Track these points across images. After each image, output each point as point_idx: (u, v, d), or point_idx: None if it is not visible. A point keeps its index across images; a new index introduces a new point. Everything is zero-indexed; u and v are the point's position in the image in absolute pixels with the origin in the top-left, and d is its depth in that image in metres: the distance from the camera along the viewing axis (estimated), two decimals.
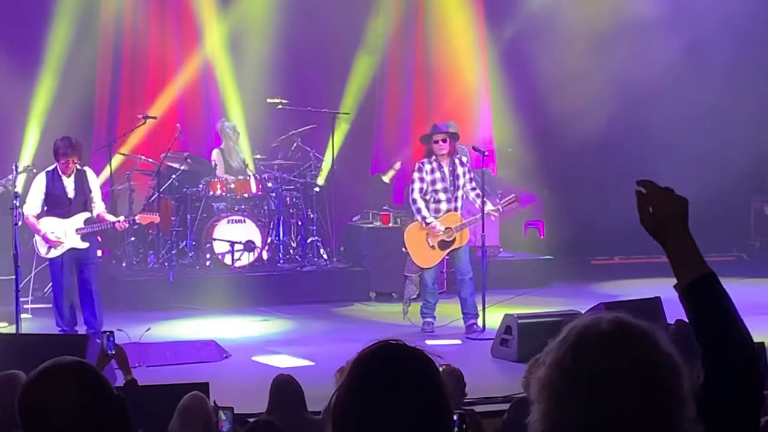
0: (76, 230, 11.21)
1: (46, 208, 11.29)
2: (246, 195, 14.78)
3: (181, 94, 16.53)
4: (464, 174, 12.06)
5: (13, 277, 10.87)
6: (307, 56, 16.75)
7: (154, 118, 15.11)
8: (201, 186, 14.65)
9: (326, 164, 15.79)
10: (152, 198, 14.49)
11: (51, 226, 11.19)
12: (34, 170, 12.64)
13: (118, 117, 16.29)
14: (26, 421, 2.53)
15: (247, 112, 16.38)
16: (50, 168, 11.34)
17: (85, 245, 11.28)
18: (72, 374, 2.57)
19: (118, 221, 11.57)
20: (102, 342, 6.41)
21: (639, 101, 16.91)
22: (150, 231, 14.46)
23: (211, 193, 14.62)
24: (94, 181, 11.55)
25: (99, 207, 11.50)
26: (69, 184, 11.22)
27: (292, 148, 15.63)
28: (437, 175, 11.98)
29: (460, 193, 11.99)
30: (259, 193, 14.89)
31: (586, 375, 2.13)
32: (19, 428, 2.55)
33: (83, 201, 11.32)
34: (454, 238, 11.97)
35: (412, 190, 12.08)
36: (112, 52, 16.42)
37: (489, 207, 12.05)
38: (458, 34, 17.60)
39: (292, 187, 15.23)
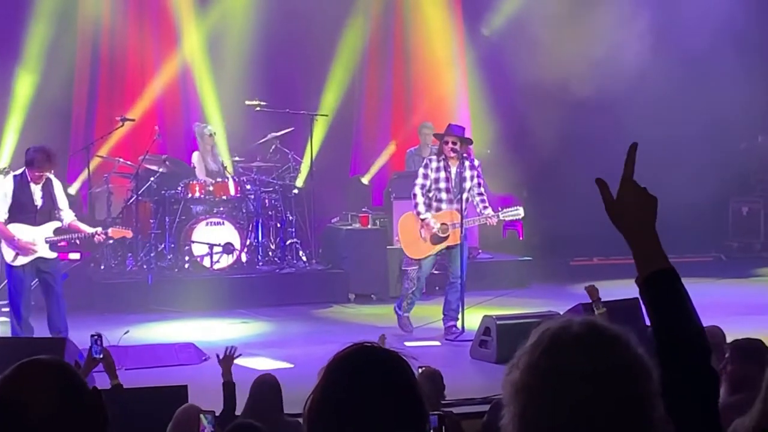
0: (46, 239, 10.78)
1: (8, 215, 10.75)
2: (225, 197, 14.75)
3: (159, 96, 16.51)
4: (472, 178, 11.93)
5: None
6: (286, 58, 16.74)
7: (133, 120, 15.08)
8: (179, 188, 14.62)
9: (305, 166, 15.78)
10: (130, 201, 14.45)
11: (21, 233, 10.72)
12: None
13: (96, 119, 16.25)
14: (1, 417, 2.52)
15: (225, 114, 16.36)
16: (18, 172, 10.91)
17: (53, 255, 10.89)
18: (49, 372, 2.56)
19: (96, 233, 11.13)
20: (89, 346, 6.36)
21: (617, 102, 16.94)
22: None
23: (190, 195, 14.59)
24: (60, 190, 11.07)
25: (68, 216, 11.04)
26: (36, 191, 10.75)
27: (271, 150, 15.62)
28: (442, 174, 11.89)
29: (464, 196, 11.82)
30: (238, 195, 14.87)
31: (561, 377, 2.13)
32: None
33: (50, 210, 10.87)
34: (448, 235, 11.91)
35: (415, 184, 11.98)
36: (90, 53, 16.38)
37: (489, 212, 11.98)
38: (437, 35, 17.65)
39: (271, 189, 15.22)
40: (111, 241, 12.95)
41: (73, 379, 2.59)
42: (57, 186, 11.02)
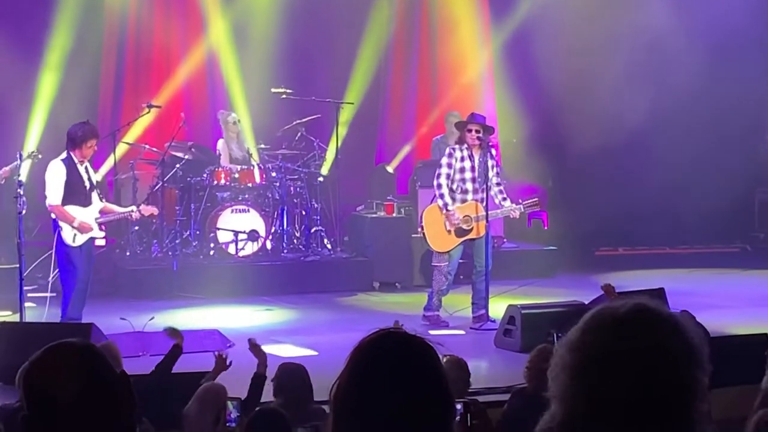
0: (95, 219, 11.03)
1: (66, 197, 10.92)
2: (250, 185, 14.77)
3: (185, 84, 16.55)
4: (492, 167, 11.88)
5: (17, 265, 10.85)
6: (312, 46, 16.75)
7: (159, 107, 15.11)
8: (205, 175, 14.64)
9: (330, 154, 15.79)
10: (156, 187, 14.48)
11: (77, 213, 10.90)
12: (39, 156, 12.63)
13: (123, 106, 16.31)
14: (29, 400, 2.54)
15: (251, 101, 16.38)
16: (63, 156, 11.05)
17: (101, 234, 11.24)
18: (76, 355, 2.57)
19: (131, 211, 11.42)
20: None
21: (645, 93, 16.89)
22: (154, 221, 14.45)
23: (215, 182, 14.61)
24: (93, 173, 11.34)
25: (101, 198, 11.38)
26: (83, 172, 10.99)
27: (297, 137, 15.63)
28: (467, 164, 11.80)
29: (487, 185, 11.71)
30: (263, 182, 14.88)
31: (596, 355, 2.11)
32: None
33: (93, 191, 11.14)
34: (472, 228, 11.86)
35: (439, 174, 11.85)
36: (116, 40, 16.44)
37: (510, 204, 11.94)
38: (463, 24, 17.61)
39: (296, 176, 15.23)
40: (138, 218, 13.01)
41: (100, 362, 2.60)
42: (90, 168, 11.22)
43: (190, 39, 16.61)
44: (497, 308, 11.60)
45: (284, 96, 15.63)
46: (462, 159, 11.83)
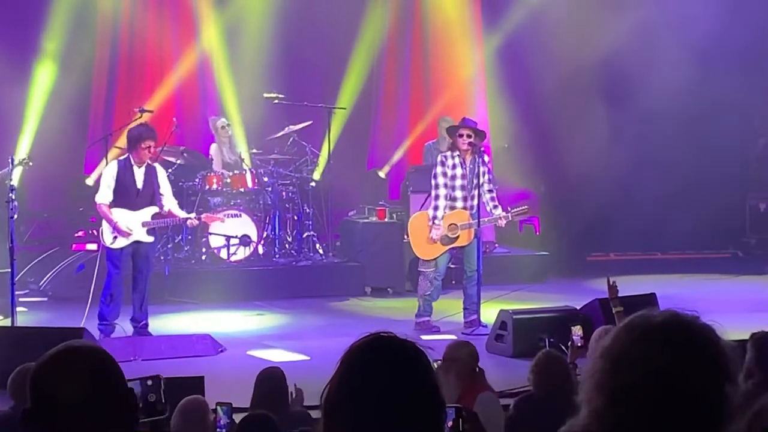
0: (143, 223, 11.16)
1: (113, 199, 11.17)
2: (242, 189, 14.76)
3: (177, 88, 16.55)
4: (484, 174, 11.87)
5: (9, 270, 10.85)
6: (304, 51, 16.75)
7: (151, 111, 15.06)
8: (197, 180, 14.63)
9: (322, 159, 15.79)
10: None
11: (120, 216, 11.09)
12: (30, 164, 12.65)
13: (115, 110, 16.30)
14: (34, 403, 2.54)
15: (243, 106, 16.38)
16: (122, 157, 11.33)
17: (150, 239, 11.30)
18: (83, 360, 2.58)
19: (190, 218, 11.61)
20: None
21: (637, 96, 16.91)
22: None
23: (207, 187, 14.61)
24: (163, 177, 11.51)
25: (170, 203, 11.47)
26: (139, 175, 11.17)
27: (289, 142, 15.63)
28: (458, 171, 11.77)
29: (476, 192, 11.70)
30: (255, 187, 14.87)
31: (650, 372, 2.13)
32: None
33: (150, 194, 11.26)
34: (458, 236, 11.85)
35: (437, 185, 11.79)
36: (109, 45, 16.44)
37: (499, 213, 11.93)
38: (455, 29, 17.63)
39: (288, 181, 15.23)
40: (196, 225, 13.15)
41: (105, 365, 2.60)
42: (161, 173, 11.48)
43: (183, 44, 16.61)
44: (489, 313, 11.62)
45: (276, 101, 15.63)
46: (453, 167, 11.81)
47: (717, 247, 18.09)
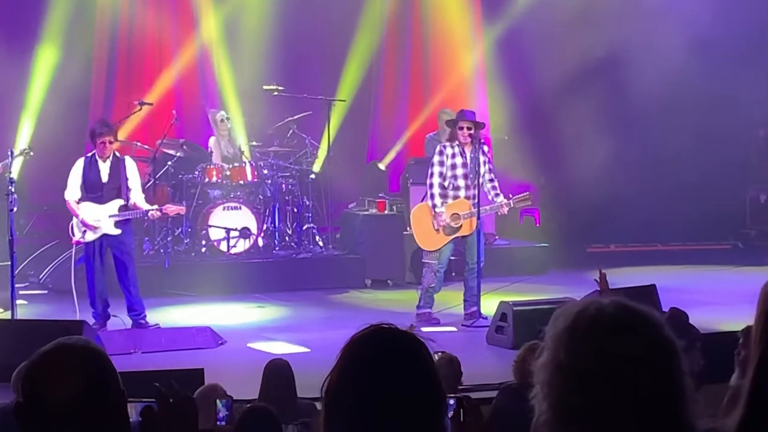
0: (109, 216, 11.24)
1: (82, 193, 11.34)
2: (242, 182, 14.76)
3: (177, 81, 16.54)
4: (485, 163, 11.87)
5: (9, 263, 10.85)
6: (304, 43, 16.74)
7: (150, 104, 15.11)
8: (197, 173, 14.63)
9: (322, 151, 15.79)
10: (148, 184, 14.45)
11: (87, 210, 11.24)
12: (31, 153, 12.70)
13: (114, 103, 16.30)
14: (26, 399, 2.54)
15: (243, 98, 16.37)
16: (89, 153, 11.45)
17: (117, 232, 11.30)
18: (76, 358, 2.57)
19: (151, 210, 11.59)
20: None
21: (635, 88, 16.89)
22: (145, 218, 14.44)
23: (207, 179, 14.60)
24: (133, 170, 11.52)
25: (136, 196, 11.48)
26: (104, 168, 11.30)
27: (288, 134, 15.62)
28: (458, 160, 11.77)
29: (479, 181, 11.70)
30: (255, 180, 14.87)
31: (605, 359, 2.13)
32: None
33: (116, 187, 11.32)
34: (461, 225, 11.85)
35: (432, 174, 11.81)
36: (108, 38, 16.43)
37: (501, 200, 11.93)
38: (455, 21, 17.61)
39: (288, 174, 15.22)
40: (168, 218, 13.30)
41: (98, 364, 2.59)
42: (130, 166, 11.50)
43: (182, 36, 16.60)
44: (489, 305, 11.61)
45: (276, 93, 15.62)
46: (453, 156, 11.80)
47: (717, 238, 18.08)
